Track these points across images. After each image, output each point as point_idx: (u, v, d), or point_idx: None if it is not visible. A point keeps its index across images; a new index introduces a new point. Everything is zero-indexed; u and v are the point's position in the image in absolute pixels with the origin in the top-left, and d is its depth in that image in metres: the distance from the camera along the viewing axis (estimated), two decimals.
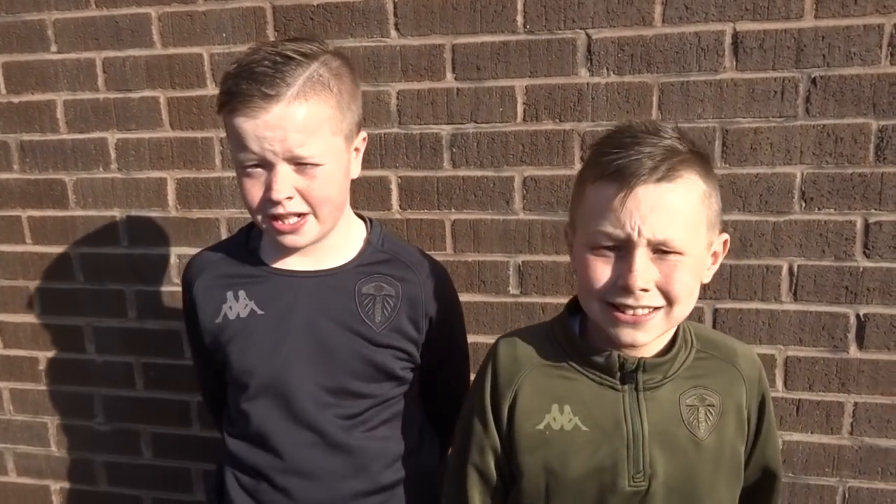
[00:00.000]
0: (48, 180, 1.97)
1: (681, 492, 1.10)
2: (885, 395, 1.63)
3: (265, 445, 1.27)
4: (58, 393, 2.11)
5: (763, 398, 1.18)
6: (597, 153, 1.08)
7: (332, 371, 1.26)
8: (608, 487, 1.09)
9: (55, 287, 2.03)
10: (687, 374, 1.13)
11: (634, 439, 1.09)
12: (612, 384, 1.12)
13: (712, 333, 1.23)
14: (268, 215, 1.19)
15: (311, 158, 1.16)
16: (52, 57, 1.88)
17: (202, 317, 1.30)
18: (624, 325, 1.06)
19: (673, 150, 1.03)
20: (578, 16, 1.60)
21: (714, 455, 1.12)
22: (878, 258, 1.57)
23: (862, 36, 1.49)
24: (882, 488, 1.67)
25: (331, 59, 1.19)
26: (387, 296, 1.28)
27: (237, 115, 1.13)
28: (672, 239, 1.01)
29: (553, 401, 1.12)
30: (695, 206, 1.03)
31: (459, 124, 1.70)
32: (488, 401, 1.16)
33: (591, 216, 1.06)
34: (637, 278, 1.01)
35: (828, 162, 1.56)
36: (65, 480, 2.17)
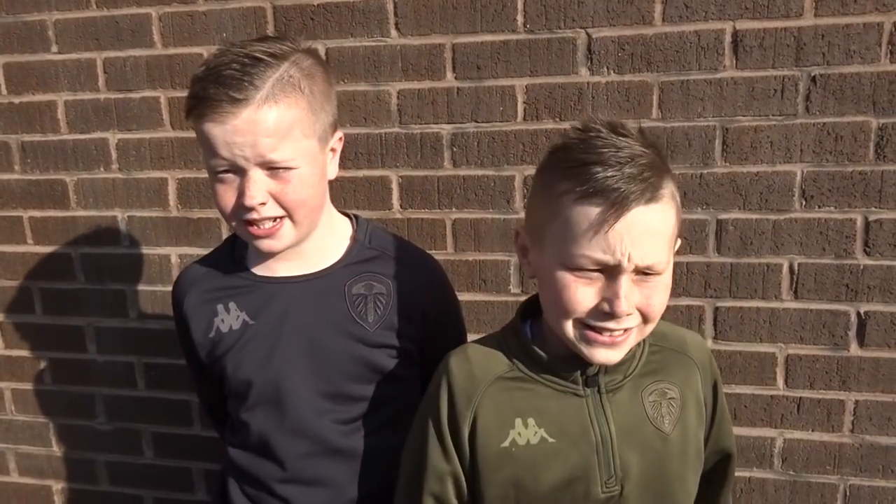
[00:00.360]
0: (49, 180, 1.97)
1: (654, 490, 1.08)
2: (886, 393, 1.63)
3: (265, 454, 1.26)
4: (59, 393, 2.11)
5: (715, 381, 1.18)
6: (573, 162, 0.99)
7: (327, 376, 1.23)
8: (581, 497, 1.06)
9: (56, 287, 2.04)
10: (644, 371, 1.11)
11: (603, 444, 1.06)
12: (575, 390, 1.08)
13: (662, 324, 1.15)
14: (242, 220, 1.16)
15: (284, 162, 1.12)
16: (53, 57, 1.89)
17: (195, 333, 1.28)
18: (600, 346, 1.02)
19: (650, 160, 0.97)
20: (578, 15, 1.60)
21: (680, 447, 1.10)
22: (878, 256, 1.58)
23: (862, 34, 1.49)
24: (883, 486, 1.67)
25: (302, 58, 1.15)
26: (378, 294, 1.25)
27: (205, 121, 1.10)
28: (657, 263, 0.98)
29: (515, 415, 1.07)
30: (673, 222, 1.00)
31: (460, 124, 1.70)
32: (445, 424, 1.09)
33: (572, 237, 0.98)
34: (623, 304, 0.97)
35: (828, 160, 1.56)
36: (66, 480, 2.18)
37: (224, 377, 1.27)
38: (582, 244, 0.97)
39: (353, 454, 1.26)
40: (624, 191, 0.94)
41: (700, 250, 1.64)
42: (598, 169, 0.95)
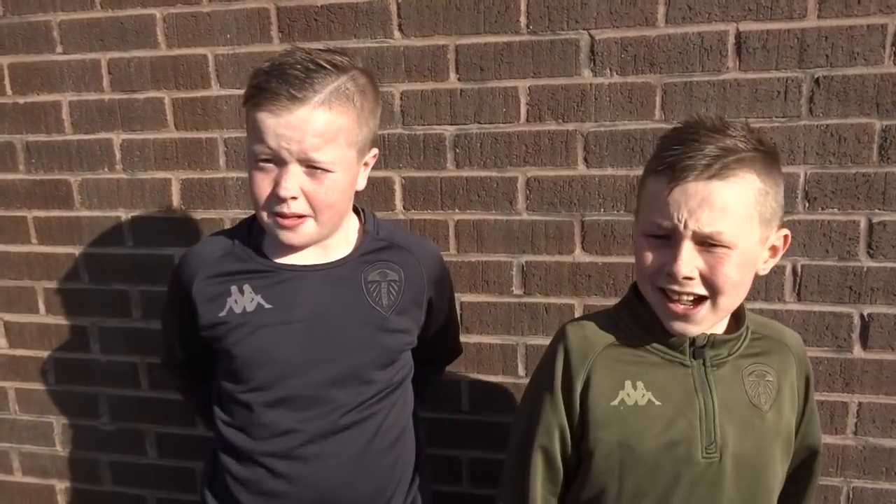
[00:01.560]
0: (53, 181, 1.98)
1: (748, 463, 1.15)
2: (890, 395, 1.62)
3: (268, 434, 1.29)
4: (63, 393, 2.12)
5: (808, 376, 1.25)
6: (660, 147, 1.13)
7: (344, 361, 1.28)
8: (683, 460, 1.13)
9: (60, 287, 2.04)
10: (746, 353, 1.19)
11: (706, 412, 1.14)
12: (682, 360, 1.17)
13: (759, 317, 1.29)
14: (272, 212, 1.22)
15: (323, 164, 1.20)
16: (58, 58, 1.89)
17: (203, 313, 1.30)
18: (674, 318, 1.12)
19: (730, 148, 1.06)
20: (581, 16, 1.60)
21: (774, 427, 1.17)
22: (881, 258, 1.57)
23: (865, 36, 1.49)
24: (887, 488, 1.67)
25: (359, 75, 1.24)
26: (391, 281, 1.33)
27: (261, 110, 1.18)
28: (719, 233, 1.05)
29: (626, 377, 1.17)
30: (746, 203, 1.06)
31: (463, 125, 1.71)
32: (559, 382, 1.20)
33: (646, 205, 1.13)
34: (682, 266, 1.06)
35: (831, 162, 1.56)
36: (70, 480, 2.18)
37: (229, 357, 1.29)
38: (650, 211, 1.11)
39: (357, 434, 1.31)
40: (683, 165, 1.05)
41: None
42: (673, 150, 1.08)
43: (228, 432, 1.33)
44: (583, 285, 1.72)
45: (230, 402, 1.33)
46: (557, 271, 1.73)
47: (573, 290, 1.72)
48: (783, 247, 1.17)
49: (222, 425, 1.34)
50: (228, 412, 1.34)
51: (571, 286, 1.72)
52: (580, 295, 1.72)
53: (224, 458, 1.34)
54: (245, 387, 1.30)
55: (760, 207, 1.08)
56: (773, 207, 1.10)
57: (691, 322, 1.12)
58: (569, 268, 1.72)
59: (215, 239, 1.38)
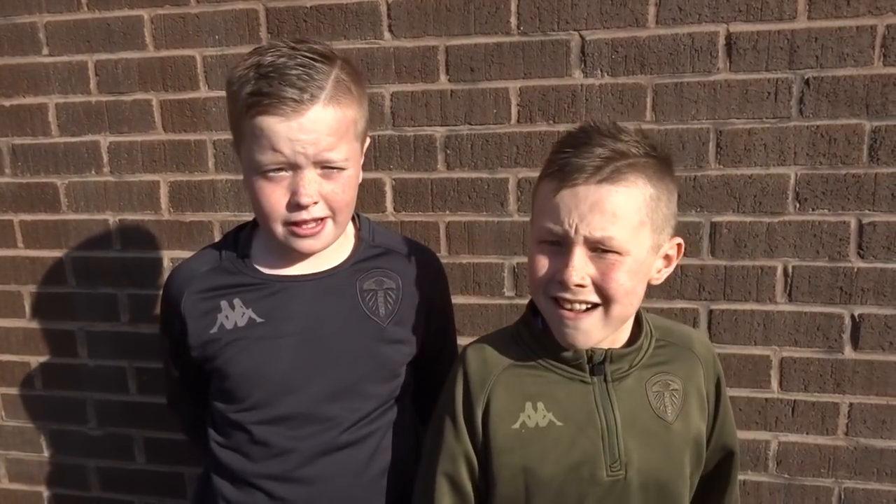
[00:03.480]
0: (40, 184, 1.95)
1: (656, 477, 1.13)
2: (880, 396, 1.63)
3: (264, 454, 1.24)
4: (50, 398, 2.09)
5: (718, 379, 1.22)
6: (552, 151, 1.11)
7: (341, 375, 1.23)
8: (587, 480, 1.11)
9: (47, 291, 2.02)
10: (649, 363, 1.16)
11: (608, 429, 1.11)
12: (582, 377, 1.13)
13: (666, 321, 1.27)
14: (289, 222, 1.16)
15: (339, 162, 1.15)
16: (44, 60, 1.87)
17: (193, 330, 1.24)
18: (566, 325, 1.09)
19: (622, 152, 1.04)
20: (572, 17, 1.60)
21: (682, 438, 1.15)
22: (871, 259, 1.58)
23: (855, 37, 1.50)
24: (877, 489, 1.67)
25: (344, 63, 1.19)
26: (388, 289, 1.27)
27: (268, 116, 1.10)
28: (609, 238, 1.03)
29: (526, 399, 1.13)
30: (637, 208, 1.04)
31: (453, 126, 1.70)
32: (460, 407, 1.16)
33: (537, 211, 1.11)
34: (572, 273, 1.04)
35: (821, 163, 1.56)
36: (57, 486, 2.16)
37: (222, 375, 1.24)
38: (542, 217, 1.08)
39: (356, 452, 1.26)
40: (571, 167, 1.04)
41: (694, 253, 1.64)
42: (564, 153, 1.06)
43: (223, 454, 1.27)
44: None
45: (224, 423, 1.27)
46: None
47: None
48: (677, 255, 1.14)
49: (217, 447, 1.28)
50: (223, 433, 1.28)
51: None
52: None
53: (218, 481, 1.29)
54: (239, 406, 1.24)
55: (652, 214, 1.06)
56: (665, 214, 1.08)
57: (579, 330, 1.08)
58: None
59: (202, 253, 1.33)
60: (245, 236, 1.29)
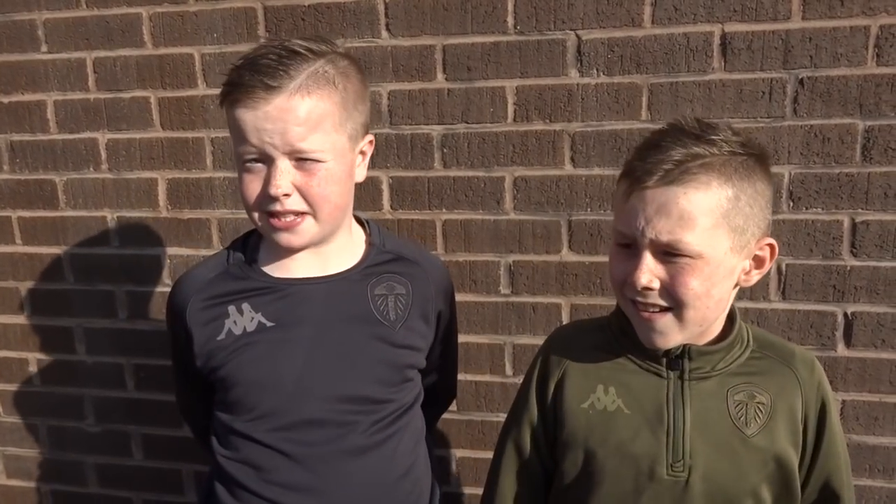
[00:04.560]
0: (38, 181, 1.96)
1: (722, 487, 1.08)
2: (873, 393, 1.64)
3: (277, 465, 1.19)
4: (48, 394, 2.10)
5: (823, 405, 1.13)
6: (632, 153, 1.10)
7: (354, 380, 1.21)
8: (646, 474, 1.09)
9: (45, 288, 2.03)
10: (738, 371, 1.12)
11: (675, 427, 1.09)
12: (658, 370, 1.12)
13: (772, 336, 1.21)
14: (265, 212, 1.15)
15: (312, 153, 1.12)
16: (43, 57, 1.88)
17: (198, 339, 1.21)
18: (642, 326, 1.08)
19: (697, 154, 1.00)
20: (568, 17, 1.61)
21: (761, 455, 1.08)
22: (864, 257, 1.59)
23: (848, 37, 1.51)
24: (870, 485, 1.68)
25: (338, 58, 1.17)
26: (399, 294, 1.25)
27: (238, 106, 1.11)
28: (677, 241, 1.00)
29: (599, 381, 1.15)
30: (709, 210, 1.00)
31: (450, 125, 1.71)
32: (535, 378, 1.21)
33: (615, 213, 1.11)
34: (639, 277, 1.02)
35: (815, 162, 1.57)
36: (55, 482, 2.17)
37: (230, 383, 1.20)
38: (615, 218, 1.09)
39: (373, 458, 1.22)
40: (643, 170, 1.02)
41: None
42: (640, 155, 1.05)
43: (232, 467, 1.22)
44: (570, 285, 1.72)
45: (231, 435, 1.22)
46: (545, 271, 1.73)
47: (560, 289, 1.73)
48: (770, 257, 1.09)
49: (224, 460, 1.23)
50: (230, 446, 1.23)
51: (559, 285, 1.73)
52: (567, 294, 1.73)
53: (224, 495, 1.23)
54: (249, 415, 1.20)
55: (729, 214, 1.01)
56: (747, 214, 1.02)
57: (656, 331, 1.06)
58: (556, 267, 1.72)
59: (209, 260, 1.30)
60: (253, 241, 1.27)
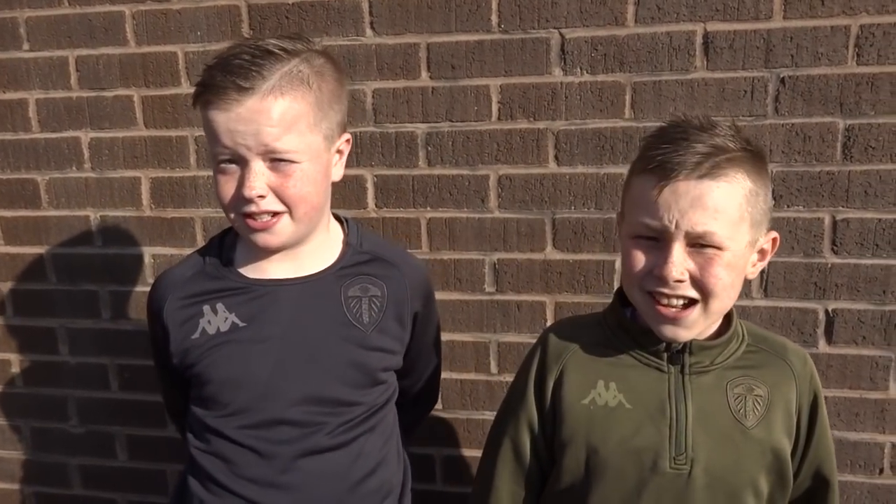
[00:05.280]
0: (20, 180, 1.94)
1: (723, 479, 1.10)
2: (854, 389, 1.66)
3: (246, 461, 1.21)
4: (31, 395, 2.08)
5: (815, 397, 1.17)
6: (646, 146, 1.11)
7: (323, 381, 1.21)
8: (649, 468, 1.10)
9: (27, 288, 2.01)
10: (735, 365, 1.15)
11: (678, 420, 1.10)
12: (659, 365, 1.14)
13: (763, 330, 1.25)
14: (241, 213, 1.15)
15: (286, 154, 1.12)
16: (24, 55, 1.87)
17: (175, 337, 1.23)
18: (664, 321, 1.09)
19: (721, 147, 1.04)
20: (552, 15, 1.61)
21: (760, 446, 1.11)
22: (845, 254, 1.60)
23: (829, 36, 1.52)
24: (851, 481, 1.70)
25: (314, 56, 1.16)
26: (373, 296, 1.25)
27: (211, 108, 1.11)
28: (711, 233, 1.03)
29: (599, 377, 1.15)
30: (737, 203, 1.04)
31: (435, 123, 1.71)
32: (532, 376, 1.20)
33: (634, 206, 1.10)
34: (672, 269, 1.03)
35: (797, 160, 1.58)
36: (39, 484, 2.15)
37: (203, 381, 1.22)
38: (640, 211, 1.08)
39: (338, 456, 1.23)
40: (673, 163, 1.03)
41: None
42: (661, 149, 1.06)
43: (204, 459, 1.24)
44: (554, 282, 1.73)
45: (204, 430, 1.24)
46: (529, 269, 1.74)
47: (545, 287, 1.73)
48: (771, 249, 1.14)
49: (197, 452, 1.25)
50: (202, 439, 1.25)
51: (543, 283, 1.73)
52: (552, 292, 1.73)
53: (196, 486, 1.25)
54: (221, 411, 1.22)
55: (751, 208, 1.05)
56: (763, 209, 1.08)
57: (682, 326, 1.08)
58: (540, 265, 1.73)
59: (187, 259, 1.31)
60: (230, 240, 1.28)
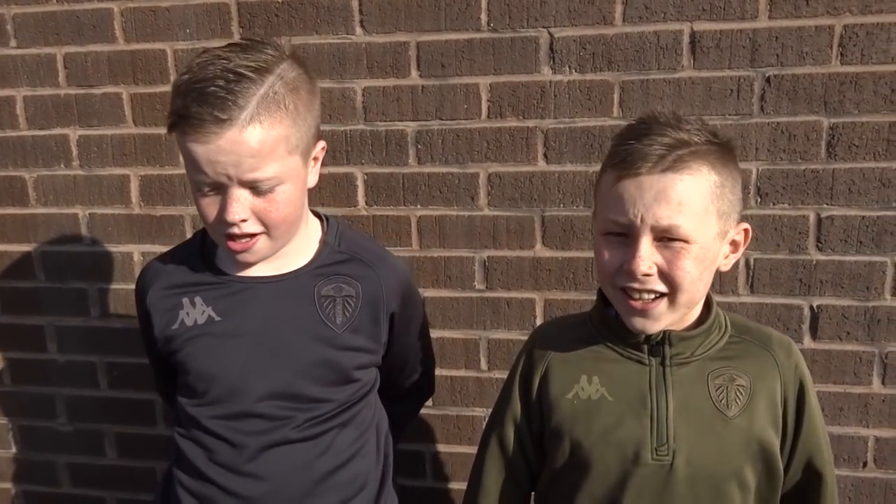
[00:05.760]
0: (8, 177, 1.93)
1: (705, 470, 1.10)
2: (838, 384, 1.68)
3: (219, 449, 1.25)
4: (19, 394, 2.07)
5: (802, 387, 1.17)
6: (614, 143, 1.12)
7: (290, 379, 1.24)
8: (631, 460, 1.11)
9: (15, 286, 2.00)
10: (717, 356, 1.15)
11: (658, 412, 1.12)
12: (640, 358, 1.15)
13: (747, 321, 1.25)
14: (223, 234, 1.18)
15: (267, 182, 1.13)
16: (12, 52, 1.86)
17: (157, 325, 1.27)
18: (634, 314, 1.10)
19: (684, 141, 1.05)
20: (541, 14, 1.62)
21: (743, 436, 1.11)
22: (829, 251, 1.63)
23: (813, 36, 1.54)
24: (836, 474, 1.71)
25: (287, 69, 1.15)
26: (347, 296, 1.27)
27: (188, 139, 1.10)
28: (676, 227, 1.03)
29: (582, 372, 1.18)
30: (702, 196, 1.05)
31: (424, 121, 1.72)
32: (518, 374, 1.23)
33: (602, 203, 1.11)
34: (640, 263, 1.04)
35: (782, 158, 1.60)
36: (27, 483, 2.14)
37: (183, 370, 1.27)
38: (607, 208, 1.09)
39: (305, 448, 1.26)
40: (636, 157, 1.04)
41: None
42: (626, 144, 1.07)
43: (184, 445, 1.29)
44: (543, 279, 1.74)
45: (184, 416, 1.29)
46: (519, 266, 1.75)
47: (534, 284, 1.75)
48: (744, 241, 1.15)
49: (178, 438, 1.30)
50: (184, 425, 1.30)
51: (532, 280, 1.75)
52: (541, 289, 1.75)
53: (178, 472, 1.30)
54: (198, 400, 1.26)
55: (717, 201, 1.06)
56: (730, 201, 1.08)
57: (650, 318, 1.10)
58: (530, 262, 1.74)
59: (173, 250, 1.36)
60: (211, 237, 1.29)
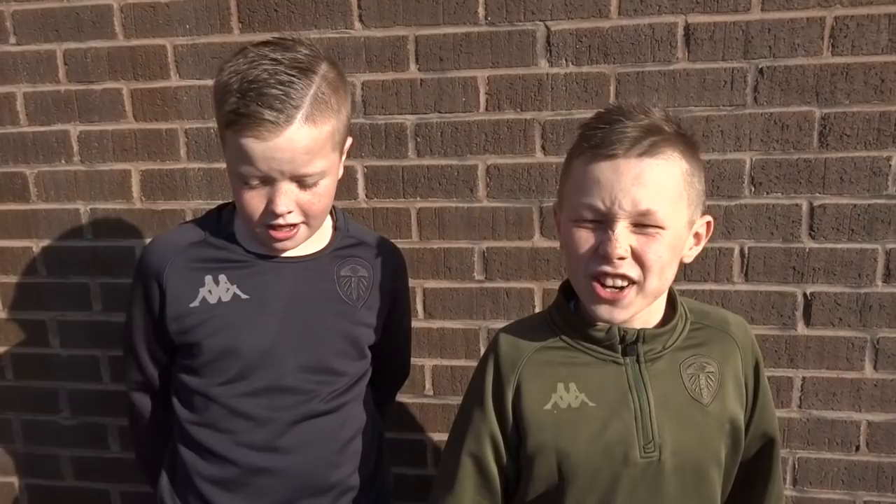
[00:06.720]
0: (9, 174, 1.94)
1: (690, 458, 1.12)
2: (831, 370, 1.71)
3: (245, 427, 1.28)
4: (22, 388, 2.08)
5: (757, 363, 1.21)
6: (584, 130, 1.12)
7: (318, 351, 1.31)
8: (620, 461, 1.11)
9: (18, 281, 2.01)
10: (684, 345, 1.17)
11: (642, 410, 1.11)
12: (615, 358, 1.14)
13: (702, 305, 1.28)
14: (266, 225, 1.24)
15: (314, 177, 1.21)
16: (11, 49, 1.86)
17: (172, 301, 1.28)
18: (602, 302, 1.10)
19: (657, 127, 1.07)
20: (538, 8, 1.64)
21: (718, 421, 1.14)
22: (822, 239, 1.66)
23: (805, 28, 1.57)
24: (829, 458, 1.76)
25: (327, 69, 1.22)
26: (361, 276, 1.37)
27: (246, 136, 1.16)
28: (653, 211, 1.04)
29: (558, 380, 1.14)
30: (676, 181, 1.06)
31: (423, 114, 1.74)
32: (489, 389, 1.17)
33: (575, 190, 1.10)
34: (617, 244, 1.04)
35: (775, 148, 1.63)
36: (31, 476, 2.15)
37: (198, 350, 1.28)
38: (581, 194, 1.08)
39: (330, 420, 1.33)
40: (611, 142, 1.05)
41: None
42: (600, 129, 1.07)
43: (196, 431, 1.31)
44: (542, 270, 1.77)
45: (197, 399, 1.31)
46: (517, 256, 1.77)
47: (533, 274, 1.77)
48: (706, 234, 1.16)
49: (190, 425, 1.32)
50: (194, 409, 1.32)
51: (531, 271, 1.77)
52: (540, 279, 1.77)
53: (191, 457, 1.32)
54: (219, 379, 1.29)
55: (688, 188, 1.08)
56: (698, 191, 1.10)
57: (618, 306, 1.09)
58: (528, 253, 1.77)
59: (183, 227, 1.37)
60: (227, 215, 1.34)
